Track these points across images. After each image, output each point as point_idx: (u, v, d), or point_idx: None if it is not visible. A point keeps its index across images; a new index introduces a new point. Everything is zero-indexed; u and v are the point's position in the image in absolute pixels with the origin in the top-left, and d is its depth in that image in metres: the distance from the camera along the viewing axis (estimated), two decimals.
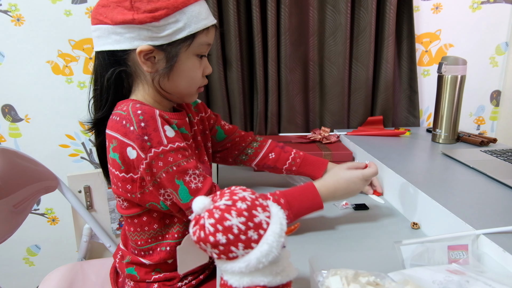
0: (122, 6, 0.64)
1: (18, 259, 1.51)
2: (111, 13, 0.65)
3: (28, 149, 1.38)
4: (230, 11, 1.24)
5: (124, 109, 0.65)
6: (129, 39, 0.66)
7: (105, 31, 0.67)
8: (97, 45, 0.69)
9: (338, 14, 1.33)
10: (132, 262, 0.77)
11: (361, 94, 1.40)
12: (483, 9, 1.42)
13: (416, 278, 0.52)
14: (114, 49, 0.68)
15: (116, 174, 0.68)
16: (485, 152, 1.04)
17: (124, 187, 0.68)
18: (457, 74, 1.12)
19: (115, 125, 0.65)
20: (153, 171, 0.63)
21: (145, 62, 0.68)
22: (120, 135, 0.64)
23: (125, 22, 0.65)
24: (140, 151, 0.62)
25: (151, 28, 0.65)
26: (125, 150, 0.64)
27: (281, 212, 0.48)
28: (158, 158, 0.63)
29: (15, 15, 1.25)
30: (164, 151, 0.63)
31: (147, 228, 0.74)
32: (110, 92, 0.70)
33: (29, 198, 0.99)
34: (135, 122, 0.62)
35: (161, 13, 0.64)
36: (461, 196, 0.76)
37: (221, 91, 1.32)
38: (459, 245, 0.59)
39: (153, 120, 0.63)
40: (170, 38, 0.67)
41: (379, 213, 0.86)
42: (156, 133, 0.63)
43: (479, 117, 1.56)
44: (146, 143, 0.62)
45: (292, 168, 0.94)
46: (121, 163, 0.65)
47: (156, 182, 0.65)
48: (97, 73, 0.71)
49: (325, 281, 0.49)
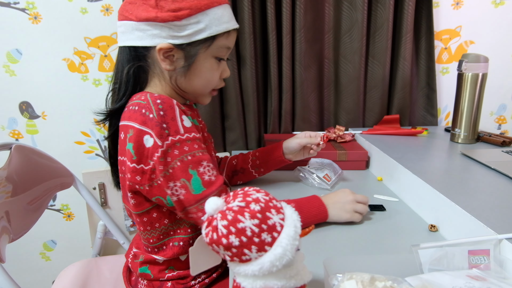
0: (148, 4, 0.67)
1: (35, 253, 1.54)
2: (137, 10, 0.67)
3: (44, 145, 1.40)
4: (244, 8, 1.23)
5: (143, 98, 0.66)
6: (150, 36, 0.68)
7: (129, 27, 0.69)
8: (121, 40, 0.71)
9: (355, 10, 1.30)
10: (145, 261, 0.77)
11: (377, 92, 1.38)
12: (506, 4, 1.37)
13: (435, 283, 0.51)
14: (136, 45, 0.69)
15: (127, 164, 0.67)
16: (507, 152, 1.01)
17: (134, 178, 0.66)
18: (478, 72, 1.08)
19: (133, 115, 0.65)
20: (167, 160, 0.63)
21: (164, 60, 0.70)
22: (137, 123, 0.64)
23: (148, 19, 0.66)
24: (158, 139, 0.62)
25: (173, 27, 0.67)
26: (141, 139, 0.64)
27: (296, 214, 0.47)
28: (174, 147, 0.63)
29: (32, 13, 1.27)
30: (181, 140, 0.64)
31: (158, 225, 0.73)
32: (129, 86, 0.72)
33: (45, 195, 1.00)
34: (154, 110, 0.63)
35: (183, 13, 0.66)
36: (481, 198, 0.74)
37: (235, 89, 1.31)
38: (480, 250, 0.57)
39: (172, 109, 0.65)
40: (190, 38, 0.69)
41: (396, 215, 0.84)
42: (173, 122, 0.64)
43: (500, 116, 1.51)
44: (164, 130, 0.63)
45: (256, 163, 0.97)
46: (134, 153, 0.64)
47: (168, 173, 0.63)
48: (119, 67, 0.73)
49: (340, 285, 0.48)
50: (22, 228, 0.92)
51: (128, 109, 0.68)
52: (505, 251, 0.59)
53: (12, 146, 0.94)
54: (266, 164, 0.98)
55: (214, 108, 1.33)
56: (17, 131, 1.38)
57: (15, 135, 1.39)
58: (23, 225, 0.92)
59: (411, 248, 0.57)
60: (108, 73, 1.35)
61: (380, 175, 1.08)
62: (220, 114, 1.36)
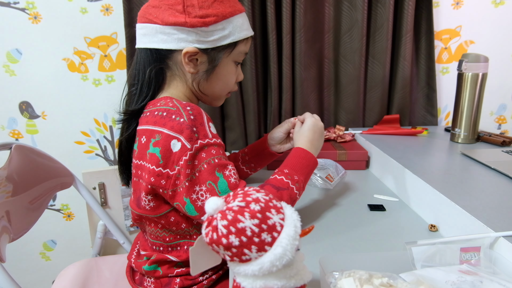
0: (174, 9, 0.69)
1: (35, 253, 1.54)
2: (162, 14, 0.69)
3: (44, 145, 1.40)
4: (244, 8, 1.22)
5: (171, 105, 0.68)
6: (176, 40, 0.70)
7: (153, 30, 0.71)
8: (142, 42, 0.73)
9: (355, 10, 1.30)
10: (156, 260, 0.77)
11: (377, 92, 1.38)
12: (506, 4, 1.37)
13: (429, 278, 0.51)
14: (160, 47, 0.71)
15: (152, 169, 0.67)
16: (507, 152, 1.01)
17: (159, 182, 0.67)
18: (478, 72, 1.08)
19: (160, 120, 0.67)
20: (195, 163, 0.64)
21: (188, 63, 0.72)
22: (166, 129, 0.65)
23: (176, 24, 0.69)
24: (187, 142, 0.64)
25: (200, 32, 0.70)
26: (169, 144, 0.65)
27: (296, 214, 0.47)
28: (202, 150, 0.65)
29: (32, 13, 1.27)
30: (209, 143, 0.66)
31: (175, 228, 0.74)
32: (151, 87, 0.74)
33: (45, 195, 1.00)
34: (185, 115, 0.65)
35: (210, 19, 0.70)
36: (481, 198, 0.74)
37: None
38: (472, 247, 0.58)
39: (200, 115, 0.67)
40: (215, 43, 0.72)
41: (396, 215, 0.85)
42: (202, 127, 0.66)
43: (500, 116, 1.51)
44: (194, 134, 0.64)
45: (246, 158, 0.99)
46: (160, 157, 0.65)
47: (194, 177, 0.64)
48: (139, 68, 0.75)
49: (337, 282, 0.48)
50: (22, 228, 0.92)
51: (153, 114, 0.69)
52: (499, 248, 0.59)
53: (12, 146, 0.94)
54: (255, 159, 0.98)
55: (214, 108, 1.33)
56: (17, 131, 1.38)
57: (15, 135, 1.39)
58: (23, 225, 0.92)
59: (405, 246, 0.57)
60: (108, 73, 1.35)
61: (380, 175, 1.08)
62: (220, 114, 1.36)
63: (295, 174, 0.74)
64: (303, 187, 0.75)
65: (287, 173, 0.74)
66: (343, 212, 0.86)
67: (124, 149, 0.78)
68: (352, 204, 0.90)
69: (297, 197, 0.74)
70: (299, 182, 0.74)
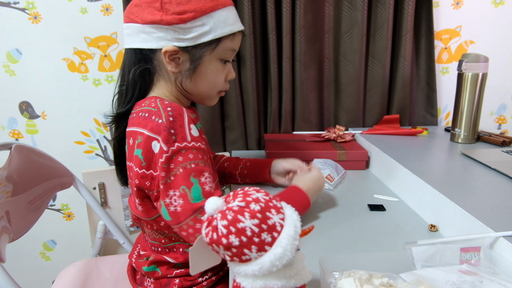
0: (153, 7, 0.67)
1: (35, 253, 1.54)
2: (142, 12, 0.68)
3: (44, 145, 1.40)
4: (244, 8, 1.23)
5: (153, 105, 0.66)
6: (156, 38, 0.68)
7: (135, 29, 0.69)
8: (127, 42, 0.72)
9: (355, 10, 1.30)
10: (155, 261, 0.77)
11: (377, 92, 1.38)
12: (506, 4, 1.37)
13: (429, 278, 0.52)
14: (142, 47, 0.70)
15: (135, 171, 0.67)
16: (507, 152, 1.01)
17: (143, 183, 0.66)
18: (478, 72, 1.08)
19: (142, 121, 0.66)
20: (170, 167, 0.63)
21: (170, 62, 0.70)
22: (147, 130, 0.64)
23: (153, 22, 0.67)
24: (164, 144, 0.62)
25: (178, 29, 0.67)
26: (150, 145, 0.64)
27: (296, 214, 0.47)
28: (179, 153, 0.63)
29: (32, 13, 1.26)
30: (187, 147, 0.64)
31: (167, 232, 0.74)
32: (136, 88, 0.72)
33: (45, 195, 1.00)
34: (164, 116, 0.64)
35: (188, 15, 0.66)
36: (481, 198, 0.74)
37: (235, 89, 1.31)
38: (472, 247, 0.58)
39: (181, 117, 0.65)
40: (195, 40, 0.69)
41: (396, 215, 0.84)
42: (181, 129, 0.64)
43: (500, 116, 1.51)
44: (171, 136, 0.63)
45: (244, 172, 0.97)
46: (143, 159, 0.65)
47: (169, 180, 0.63)
48: (125, 69, 0.74)
49: (337, 282, 0.48)
50: (22, 228, 0.92)
51: (138, 115, 0.68)
52: (500, 248, 0.59)
53: (12, 146, 0.94)
54: (252, 176, 0.98)
55: (214, 108, 1.33)
56: (17, 131, 1.38)
57: (15, 135, 1.39)
58: (23, 225, 0.92)
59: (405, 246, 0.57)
60: (108, 73, 1.35)
61: (380, 175, 1.08)
62: (220, 114, 1.36)
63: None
64: None
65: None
66: (343, 212, 0.86)
67: (116, 150, 0.78)
68: (352, 204, 0.90)
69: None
70: None
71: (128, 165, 0.71)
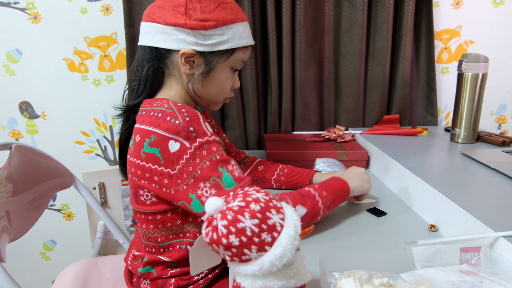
0: (177, 11, 0.70)
1: (35, 253, 1.54)
2: (165, 14, 0.71)
3: (44, 145, 1.40)
4: (244, 7, 1.23)
5: (166, 106, 0.69)
6: (175, 40, 0.72)
7: (155, 29, 0.72)
8: (144, 40, 0.75)
9: (355, 10, 1.30)
10: (149, 261, 0.77)
11: (377, 92, 1.38)
12: (506, 4, 1.37)
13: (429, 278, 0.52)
14: (159, 46, 0.73)
15: (153, 168, 0.68)
16: (506, 152, 1.01)
17: (161, 181, 0.68)
18: (478, 72, 1.08)
19: (155, 121, 0.67)
20: (196, 161, 0.65)
21: (185, 64, 0.73)
22: (161, 130, 0.66)
23: (176, 25, 0.70)
24: (185, 141, 0.65)
25: (198, 35, 0.71)
26: (166, 144, 0.65)
27: (295, 214, 0.47)
28: (202, 148, 0.66)
29: (32, 13, 1.26)
30: (208, 141, 0.67)
31: (170, 225, 0.74)
32: (147, 84, 0.75)
33: (45, 195, 1.00)
34: (180, 117, 0.66)
35: (210, 24, 0.71)
36: (481, 198, 0.74)
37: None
38: (472, 247, 0.58)
39: (196, 116, 0.68)
40: (213, 47, 0.73)
41: (396, 215, 0.84)
42: (199, 126, 0.67)
43: (500, 116, 1.51)
44: (192, 133, 0.65)
45: (281, 178, 0.98)
46: (161, 157, 0.66)
47: (197, 174, 0.65)
48: (139, 65, 0.76)
49: (337, 282, 0.48)
50: (22, 228, 0.92)
51: (149, 114, 0.70)
52: (499, 248, 0.59)
53: (12, 146, 0.94)
54: (289, 184, 0.98)
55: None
56: (17, 131, 1.38)
57: (15, 135, 1.39)
58: (23, 225, 0.92)
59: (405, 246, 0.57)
60: (108, 73, 1.35)
61: (380, 175, 1.08)
62: (220, 114, 1.36)
63: (324, 190, 0.77)
64: (329, 206, 0.77)
65: (317, 187, 0.77)
66: (343, 212, 0.86)
67: (123, 143, 0.80)
68: (352, 204, 0.90)
69: (320, 212, 0.75)
70: (326, 198, 0.76)
71: (131, 161, 0.71)
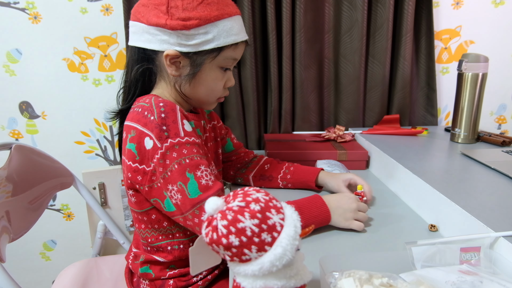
0: (159, 10, 0.67)
1: (35, 253, 1.54)
2: (148, 13, 0.68)
3: (44, 145, 1.40)
4: (244, 8, 1.23)
5: (147, 101, 0.68)
6: (159, 41, 0.69)
7: (140, 28, 0.70)
8: (131, 40, 0.73)
9: (355, 10, 1.30)
10: (146, 261, 0.77)
11: (377, 92, 1.38)
12: (506, 4, 1.37)
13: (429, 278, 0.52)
14: (145, 47, 0.71)
15: (129, 164, 0.68)
16: (507, 152, 1.01)
17: (135, 177, 0.67)
18: (478, 72, 1.08)
19: (135, 116, 0.67)
20: (166, 162, 0.64)
21: (170, 66, 0.71)
22: (140, 125, 0.65)
23: (158, 25, 0.67)
24: (157, 140, 0.63)
25: (180, 35, 0.68)
26: (142, 140, 0.65)
27: (296, 214, 0.47)
28: (173, 149, 0.64)
29: (32, 13, 1.26)
30: (180, 142, 0.64)
31: (157, 226, 0.74)
32: (138, 86, 0.74)
33: (45, 195, 1.00)
34: (156, 113, 0.65)
35: (192, 22, 0.67)
36: (481, 198, 0.74)
37: (235, 89, 1.31)
38: (472, 247, 0.58)
39: (173, 112, 0.66)
40: (197, 47, 0.69)
41: (396, 215, 0.84)
42: (174, 125, 0.65)
43: (500, 116, 1.51)
44: (163, 133, 0.64)
45: (287, 177, 0.96)
46: (136, 153, 0.66)
47: (167, 176, 0.64)
48: (128, 66, 0.75)
49: (337, 282, 0.48)
50: (22, 228, 0.92)
51: (133, 110, 0.70)
52: (499, 248, 0.59)
53: (12, 146, 0.94)
54: (295, 182, 0.96)
55: (214, 108, 1.33)
56: (17, 131, 1.38)
57: (15, 135, 1.39)
58: (23, 225, 0.92)
59: (405, 246, 0.57)
60: (108, 73, 1.35)
61: (380, 175, 1.08)
62: (220, 114, 1.36)
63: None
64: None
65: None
66: None
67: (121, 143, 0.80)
68: None
69: None
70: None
71: (122, 159, 0.72)
